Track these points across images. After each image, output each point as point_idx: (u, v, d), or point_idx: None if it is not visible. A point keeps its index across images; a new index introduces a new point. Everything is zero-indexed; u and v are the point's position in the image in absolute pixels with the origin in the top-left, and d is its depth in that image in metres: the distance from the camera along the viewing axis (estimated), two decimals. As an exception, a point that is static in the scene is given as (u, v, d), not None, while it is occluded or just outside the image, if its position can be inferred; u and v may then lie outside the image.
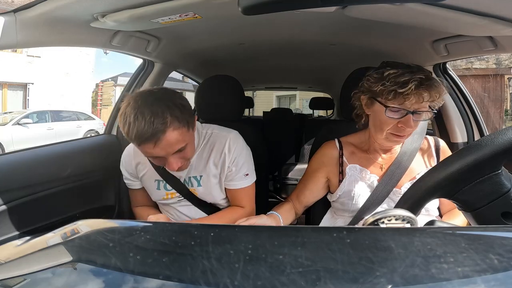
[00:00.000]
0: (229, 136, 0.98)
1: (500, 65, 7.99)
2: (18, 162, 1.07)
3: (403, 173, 0.92)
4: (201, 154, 0.98)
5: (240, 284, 0.30)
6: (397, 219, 0.52)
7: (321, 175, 0.99)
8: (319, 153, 1.01)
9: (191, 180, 0.99)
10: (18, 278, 0.35)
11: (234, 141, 0.98)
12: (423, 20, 0.89)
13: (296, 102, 13.19)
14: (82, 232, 0.46)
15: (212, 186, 0.99)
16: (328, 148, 1.00)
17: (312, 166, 1.02)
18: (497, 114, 7.87)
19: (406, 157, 0.93)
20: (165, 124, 0.77)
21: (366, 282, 0.31)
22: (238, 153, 0.98)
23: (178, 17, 0.88)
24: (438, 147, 0.97)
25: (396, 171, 0.92)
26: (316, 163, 1.01)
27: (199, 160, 0.98)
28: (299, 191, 1.02)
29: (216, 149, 0.97)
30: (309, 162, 1.05)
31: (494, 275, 0.31)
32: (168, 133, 0.77)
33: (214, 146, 0.98)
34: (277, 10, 0.61)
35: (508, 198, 0.52)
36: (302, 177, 1.04)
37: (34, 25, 0.85)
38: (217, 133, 1.00)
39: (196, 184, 0.99)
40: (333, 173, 0.99)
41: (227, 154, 0.96)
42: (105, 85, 15.07)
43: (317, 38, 1.34)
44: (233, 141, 0.98)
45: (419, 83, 0.78)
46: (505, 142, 0.50)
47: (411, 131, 0.85)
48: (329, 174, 0.99)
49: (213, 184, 0.99)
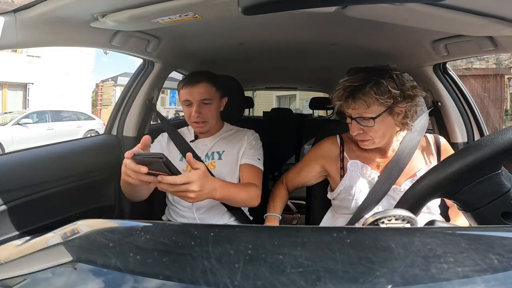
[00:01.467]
0: (249, 131, 1.24)
1: (500, 65, 7.99)
2: (18, 162, 1.06)
3: (401, 170, 0.93)
4: (224, 139, 1.20)
5: (240, 284, 0.30)
6: (397, 219, 0.52)
7: (316, 165, 1.04)
8: (318, 146, 1.06)
9: (214, 155, 1.18)
10: (18, 278, 0.35)
11: (253, 134, 1.23)
12: (423, 20, 0.89)
13: (296, 102, 13.19)
14: (82, 232, 0.46)
15: (230, 161, 1.16)
16: (329, 143, 1.03)
17: (309, 155, 1.07)
18: (497, 114, 7.87)
19: (404, 155, 0.94)
20: (202, 78, 1.12)
21: (366, 282, 0.31)
22: (255, 141, 1.20)
23: (178, 17, 0.88)
24: (439, 144, 0.98)
25: (395, 168, 0.93)
26: (313, 153, 1.06)
27: (223, 140, 1.20)
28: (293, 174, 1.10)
29: (239, 136, 1.21)
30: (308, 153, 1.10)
31: (494, 275, 0.31)
32: (202, 84, 1.11)
33: (236, 136, 1.21)
34: (277, 10, 0.61)
35: (508, 198, 0.52)
36: (298, 164, 1.12)
37: (34, 25, 0.84)
38: (241, 130, 1.26)
39: (217, 156, 1.17)
40: (333, 169, 1.00)
41: (247, 139, 1.19)
42: (105, 85, 15.08)
43: (317, 38, 1.34)
44: (252, 133, 1.23)
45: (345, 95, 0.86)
46: (505, 142, 0.50)
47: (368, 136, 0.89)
48: (327, 167, 1.02)
49: (231, 159, 1.16)
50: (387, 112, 0.86)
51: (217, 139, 1.20)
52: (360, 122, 0.87)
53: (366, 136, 0.89)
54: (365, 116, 0.86)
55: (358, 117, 0.87)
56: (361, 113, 0.86)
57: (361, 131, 0.88)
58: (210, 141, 1.20)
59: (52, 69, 10.66)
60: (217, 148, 1.19)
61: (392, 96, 0.84)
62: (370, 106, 0.84)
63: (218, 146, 1.19)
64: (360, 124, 0.87)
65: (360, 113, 0.86)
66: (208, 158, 1.17)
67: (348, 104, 0.86)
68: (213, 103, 1.13)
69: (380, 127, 0.88)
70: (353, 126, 0.88)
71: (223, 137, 1.21)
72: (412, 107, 0.89)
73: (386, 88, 0.83)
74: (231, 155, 1.17)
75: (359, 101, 0.85)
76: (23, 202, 0.99)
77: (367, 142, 0.91)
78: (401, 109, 0.87)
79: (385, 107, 0.85)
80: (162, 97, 16.34)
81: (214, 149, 1.19)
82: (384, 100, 0.83)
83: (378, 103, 0.84)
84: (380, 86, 0.83)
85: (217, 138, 1.20)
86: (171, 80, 1.78)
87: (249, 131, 1.24)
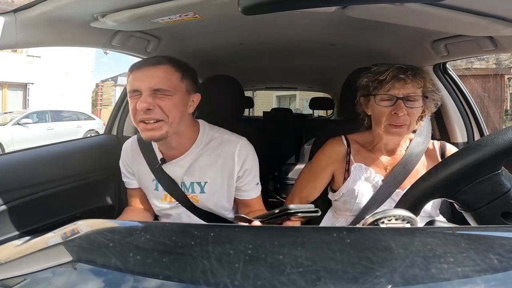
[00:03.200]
0: (239, 143, 0.91)
1: (500, 65, 7.99)
2: (18, 162, 1.06)
3: (408, 174, 0.92)
4: (205, 157, 0.91)
5: (240, 284, 0.30)
6: (397, 219, 0.52)
7: (328, 172, 0.99)
8: (327, 149, 1.00)
9: (193, 186, 0.91)
10: (18, 278, 0.35)
11: (244, 149, 0.91)
12: (423, 20, 0.89)
13: (296, 102, 13.18)
14: (82, 232, 0.46)
15: (218, 194, 0.92)
16: (336, 145, 0.99)
17: (320, 163, 1.00)
18: (497, 114, 7.86)
19: (412, 158, 0.92)
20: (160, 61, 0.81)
21: (366, 282, 0.31)
22: (250, 163, 0.92)
23: (178, 17, 0.88)
24: (444, 150, 0.97)
25: (402, 172, 0.92)
26: (325, 160, 1.00)
27: (205, 165, 0.90)
28: (301, 188, 1.01)
29: (225, 155, 0.90)
30: (314, 158, 1.03)
31: (494, 275, 0.31)
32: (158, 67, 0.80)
33: (222, 151, 0.90)
34: (277, 10, 0.61)
35: (508, 198, 0.52)
36: (305, 174, 1.03)
37: (34, 25, 0.84)
38: (227, 138, 0.92)
39: (198, 190, 0.91)
40: (339, 170, 0.99)
41: (237, 159, 0.90)
42: (105, 85, 15.07)
43: (317, 38, 1.34)
44: (243, 149, 0.91)
45: (398, 70, 0.86)
46: (505, 142, 0.50)
47: (408, 120, 0.87)
48: (335, 170, 0.99)
49: (220, 192, 0.92)
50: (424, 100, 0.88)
51: (194, 159, 0.90)
52: (406, 103, 0.86)
53: (406, 120, 0.87)
54: (414, 96, 0.86)
55: (406, 97, 0.86)
56: (411, 93, 0.86)
57: (406, 112, 0.86)
58: (183, 164, 0.90)
59: (52, 69, 10.65)
60: (196, 177, 0.90)
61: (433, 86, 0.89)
62: (422, 87, 0.87)
63: (198, 173, 0.90)
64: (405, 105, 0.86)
65: (410, 93, 0.86)
66: (186, 189, 0.92)
67: (403, 81, 0.86)
68: (174, 97, 0.80)
69: (417, 112, 0.88)
70: (400, 106, 0.86)
71: (202, 154, 0.90)
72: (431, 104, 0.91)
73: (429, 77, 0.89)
74: (217, 187, 0.91)
75: (417, 79, 0.86)
76: (23, 202, 0.99)
77: (403, 128, 0.88)
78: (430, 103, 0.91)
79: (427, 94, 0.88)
80: (162, 97, 16.29)
81: (193, 178, 0.91)
82: (432, 86, 0.88)
83: (425, 88, 0.87)
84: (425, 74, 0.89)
85: (192, 157, 0.90)
86: (171, 80, 1.78)
87: (238, 142, 0.91)
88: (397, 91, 0.86)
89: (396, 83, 0.86)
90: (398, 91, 0.86)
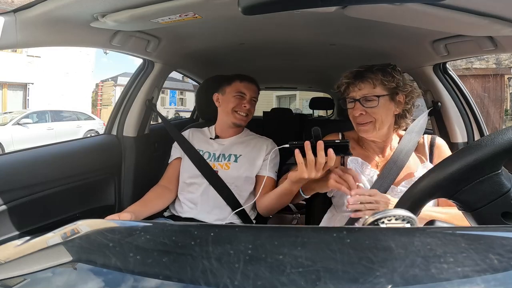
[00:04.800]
0: (268, 140, 1.28)
1: (500, 65, 7.99)
2: (18, 162, 1.07)
3: (399, 169, 0.94)
4: (245, 141, 1.26)
5: (240, 284, 0.30)
6: (397, 219, 0.52)
7: None
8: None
9: (230, 157, 1.21)
10: (18, 278, 0.35)
11: (272, 144, 1.26)
12: (423, 20, 0.89)
13: (296, 102, 13.19)
14: (82, 232, 0.46)
15: (245, 166, 1.19)
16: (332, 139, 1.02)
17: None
18: (497, 114, 7.87)
19: (402, 155, 0.95)
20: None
21: (366, 282, 0.31)
22: (274, 155, 1.21)
23: (178, 17, 0.88)
24: (433, 143, 0.98)
25: (393, 168, 0.94)
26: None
27: (241, 144, 1.24)
28: None
29: (259, 144, 1.25)
30: None
31: (494, 275, 0.31)
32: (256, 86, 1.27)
33: (256, 143, 1.25)
34: (277, 10, 0.61)
35: (508, 198, 0.52)
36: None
37: (34, 25, 0.84)
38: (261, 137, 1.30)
39: (233, 159, 1.20)
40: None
41: (266, 148, 1.23)
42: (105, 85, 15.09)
43: (317, 38, 1.34)
44: (271, 144, 1.26)
45: (351, 74, 0.94)
46: (505, 142, 0.50)
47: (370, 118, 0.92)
48: None
49: (247, 165, 1.19)
50: (389, 97, 0.92)
51: (235, 141, 1.25)
52: (364, 103, 0.91)
53: (368, 118, 0.92)
54: (370, 96, 0.91)
55: (362, 98, 0.91)
56: (366, 94, 0.91)
57: (363, 112, 0.92)
58: (228, 141, 1.26)
59: (52, 69, 10.66)
60: (234, 151, 1.23)
61: (396, 81, 0.92)
62: (375, 86, 0.91)
63: (236, 149, 1.23)
64: (363, 106, 0.91)
65: (365, 94, 0.91)
66: (224, 158, 1.21)
67: (355, 85, 0.92)
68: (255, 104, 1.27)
69: (382, 110, 0.91)
70: (357, 107, 0.92)
71: (241, 140, 1.26)
72: (411, 101, 0.95)
73: (390, 73, 0.92)
74: (247, 160, 1.20)
75: (366, 81, 0.91)
76: (23, 202, 0.99)
77: (368, 126, 0.92)
78: (401, 98, 0.93)
79: (388, 91, 0.92)
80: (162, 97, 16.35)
81: (231, 151, 1.23)
82: (388, 82, 0.91)
83: (382, 85, 0.91)
84: (385, 71, 0.92)
85: (235, 140, 1.26)
86: (171, 80, 1.79)
87: (268, 140, 1.27)
88: (354, 93, 0.93)
89: (351, 86, 0.94)
90: (355, 93, 0.93)
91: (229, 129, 1.27)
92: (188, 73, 2.10)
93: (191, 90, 13.73)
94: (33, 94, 10.57)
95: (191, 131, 1.32)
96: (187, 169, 1.22)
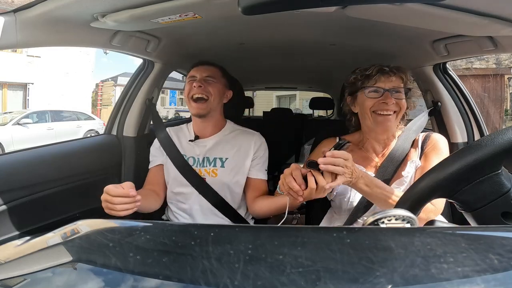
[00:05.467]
0: (256, 134, 1.17)
1: (500, 65, 7.99)
2: (18, 162, 1.07)
3: (395, 168, 0.94)
4: (230, 141, 1.13)
5: (240, 284, 0.30)
6: (397, 219, 0.52)
7: None
8: (320, 147, 1.05)
9: (215, 160, 1.10)
10: (18, 278, 0.35)
11: (260, 139, 1.16)
12: (423, 20, 0.89)
13: (296, 102, 13.19)
14: (82, 232, 0.46)
15: (234, 170, 1.10)
16: (329, 144, 1.01)
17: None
18: (497, 114, 7.87)
19: (398, 153, 0.95)
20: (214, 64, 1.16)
21: (366, 282, 0.31)
22: (263, 150, 1.14)
23: (178, 17, 0.88)
24: (426, 139, 0.98)
25: (389, 167, 0.94)
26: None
27: (226, 144, 1.12)
28: None
29: (244, 141, 1.13)
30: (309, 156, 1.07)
31: (494, 275, 0.31)
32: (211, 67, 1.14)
33: (242, 139, 1.14)
34: (277, 10, 0.61)
35: (508, 198, 0.52)
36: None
37: (34, 25, 0.84)
38: (247, 131, 1.18)
39: (219, 163, 1.10)
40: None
41: (253, 145, 1.12)
42: (105, 85, 15.09)
43: (317, 38, 1.34)
44: (259, 138, 1.16)
45: (381, 66, 0.94)
46: (505, 142, 0.50)
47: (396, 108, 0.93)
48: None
49: (235, 169, 1.10)
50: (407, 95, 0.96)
51: (219, 141, 1.12)
52: (393, 94, 0.93)
53: (393, 108, 0.93)
54: (400, 88, 0.94)
55: (392, 89, 0.93)
56: (395, 86, 0.93)
57: (394, 101, 0.93)
58: (210, 142, 1.12)
59: (52, 69, 10.66)
60: (219, 153, 1.11)
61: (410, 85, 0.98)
62: (403, 82, 0.95)
63: (220, 151, 1.11)
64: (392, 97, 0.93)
65: (395, 86, 0.93)
66: (209, 163, 1.10)
67: (387, 75, 0.93)
68: (217, 84, 1.11)
69: (404, 105, 0.95)
70: (388, 96, 0.93)
71: (225, 139, 1.14)
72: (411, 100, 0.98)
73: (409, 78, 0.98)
74: (235, 164, 1.10)
75: (398, 75, 0.94)
76: (23, 202, 0.99)
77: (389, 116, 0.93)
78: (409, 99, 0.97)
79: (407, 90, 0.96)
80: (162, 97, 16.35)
81: (216, 154, 1.11)
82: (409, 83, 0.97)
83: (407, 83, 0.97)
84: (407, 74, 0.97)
85: (218, 139, 1.13)
86: (171, 80, 1.79)
87: (255, 134, 1.16)
88: (383, 84, 0.93)
89: (382, 76, 0.93)
90: (384, 84, 0.93)
91: (202, 124, 1.13)
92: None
93: (191, 90, 13.69)
94: (33, 94, 10.56)
95: (171, 131, 1.19)
96: (173, 177, 1.11)
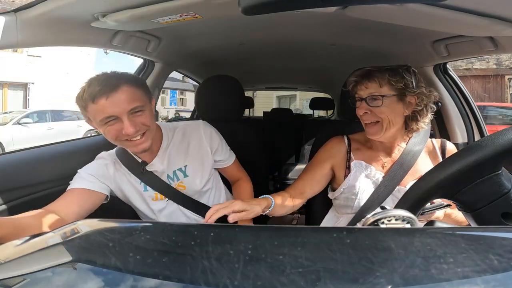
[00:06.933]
0: (200, 125, 1.05)
1: (500, 65, 8.00)
2: (18, 162, 1.07)
3: (406, 172, 0.93)
4: (179, 146, 1.00)
5: (240, 284, 0.30)
6: (397, 219, 0.52)
7: (327, 165, 1.01)
8: (328, 145, 1.04)
9: (176, 174, 0.99)
10: (18, 278, 0.35)
11: (207, 127, 1.05)
12: (423, 20, 0.89)
13: (296, 102, 13.19)
14: (82, 232, 0.46)
15: (200, 172, 1.01)
16: (337, 142, 1.02)
17: (319, 156, 1.03)
18: (497, 115, 7.86)
19: (409, 157, 0.94)
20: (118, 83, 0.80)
21: (366, 282, 0.31)
22: (217, 137, 1.05)
23: (178, 17, 0.88)
24: (444, 148, 0.98)
25: (399, 170, 0.93)
26: (325, 154, 1.03)
27: (179, 153, 1.00)
28: (300, 181, 1.01)
29: (193, 138, 1.02)
30: (315, 154, 1.05)
31: (494, 275, 0.31)
32: (120, 89, 0.80)
33: (190, 134, 1.02)
34: (277, 10, 0.60)
35: (508, 199, 0.52)
36: (305, 169, 1.04)
37: (35, 25, 0.85)
38: (187, 124, 1.05)
39: (182, 175, 1.00)
40: (339, 167, 1.00)
41: (205, 138, 1.02)
42: (106, 85, 15.05)
43: (317, 38, 1.34)
44: (206, 128, 1.04)
45: (362, 74, 0.92)
46: (505, 143, 0.50)
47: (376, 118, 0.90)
48: (335, 166, 1.01)
49: (198, 171, 1.01)
50: (398, 97, 0.88)
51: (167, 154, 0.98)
52: (370, 102, 0.90)
53: (373, 118, 0.90)
54: (375, 95, 0.88)
55: (368, 97, 0.90)
56: (372, 93, 0.89)
57: (368, 111, 0.90)
58: (161, 160, 0.97)
59: (53, 69, 10.66)
60: (175, 165, 0.98)
61: (405, 82, 0.87)
62: (382, 86, 0.88)
63: (174, 162, 0.98)
64: (368, 105, 0.90)
65: (371, 93, 0.89)
66: (172, 179, 0.99)
67: (362, 84, 0.91)
68: (146, 111, 0.86)
69: (387, 110, 0.89)
70: (362, 105, 0.91)
71: (172, 146, 0.99)
72: (422, 103, 0.89)
73: (401, 74, 0.88)
74: (196, 166, 1.00)
75: (373, 80, 0.89)
76: (23, 202, 0.99)
77: (375, 127, 0.90)
78: (412, 100, 0.89)
79: (396, 92, 0.88)
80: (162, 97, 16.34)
81: (173, 167, 0.98)
82: (396, 83, 0.87)
83: (390, 85, 0.88)
84: (394, 72, 0.89)
85: (167, 152, 0.98)
86: (171, 80, 1.79)
87: (199, 124, 1.04)
88: (361, 92, 0.92)
89: (358, 85, 0.92)
90: (362, 92, 0.92)
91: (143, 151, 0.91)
92: (188, 73, 2.10)
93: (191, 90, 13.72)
94: (34, 94, 10.57)
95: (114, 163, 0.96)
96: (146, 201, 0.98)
